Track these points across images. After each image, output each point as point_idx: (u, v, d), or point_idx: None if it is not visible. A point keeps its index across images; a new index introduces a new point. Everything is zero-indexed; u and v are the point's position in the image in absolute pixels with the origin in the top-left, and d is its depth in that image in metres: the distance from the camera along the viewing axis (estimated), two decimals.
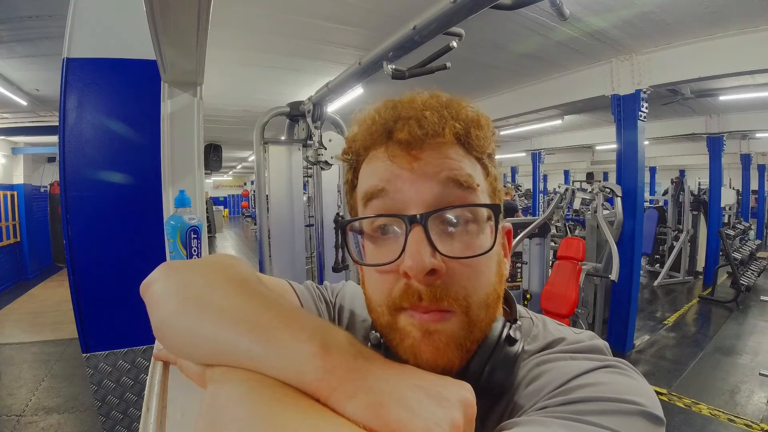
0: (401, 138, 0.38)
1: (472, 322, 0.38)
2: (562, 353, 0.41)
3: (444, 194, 0.38)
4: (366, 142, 0.42)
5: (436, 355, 0.37)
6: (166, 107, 1.60)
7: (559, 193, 5.30)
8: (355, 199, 0.44)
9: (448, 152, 0.39)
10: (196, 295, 0.37)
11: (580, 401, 0.33)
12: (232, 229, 17.16)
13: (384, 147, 0.40)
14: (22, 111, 5.02)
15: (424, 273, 0.35)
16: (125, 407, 1.78)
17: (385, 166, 0.39)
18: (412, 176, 0.38)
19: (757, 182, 10.07)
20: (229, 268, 0.41)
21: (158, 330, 0.39)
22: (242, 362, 0.32)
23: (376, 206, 0.40)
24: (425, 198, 0.37)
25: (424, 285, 0.36)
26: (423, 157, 0.38)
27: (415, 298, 0.37)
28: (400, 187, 0.38)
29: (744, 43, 3.21)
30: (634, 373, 0.37)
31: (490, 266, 0.40)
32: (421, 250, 0.35)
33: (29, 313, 5.43)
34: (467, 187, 0.38)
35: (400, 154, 0.38)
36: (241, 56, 3.68)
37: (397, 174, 0.38)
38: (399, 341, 0.39)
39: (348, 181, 0.46)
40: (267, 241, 2.65)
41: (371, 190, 0.40)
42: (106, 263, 1.70)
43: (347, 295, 0.60)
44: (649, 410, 0.33)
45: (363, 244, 0.42)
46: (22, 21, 2.72)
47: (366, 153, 0.42)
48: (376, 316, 0.41)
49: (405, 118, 0.39)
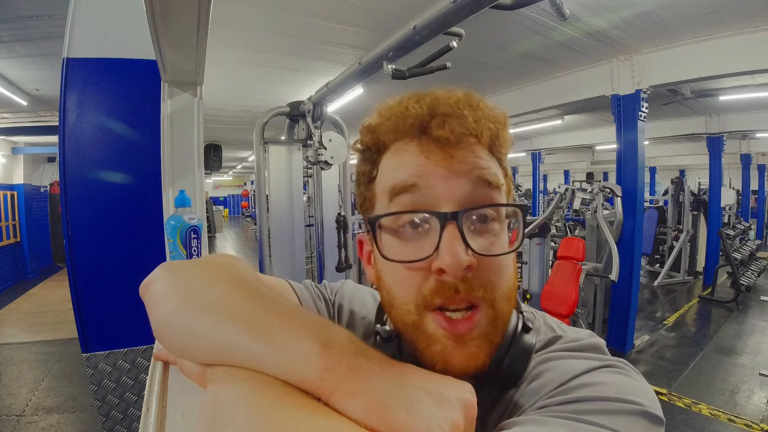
0: (441, 135, 0.38)
1: (498, 315, 0.39)
2: (563, 351, 0.41)
3: (474, 192, 0.38)
4: (394, 134, 0.41)
5: (470, 360, 0.37)
6: (166, 107, 1.60)
7: (559, 193, 5.31)
8: (372, 192, 0.43)
9: (479, 152, 0.39)
10: (196, 295, 0.37)
11: (580, 401, 0.34)
12: (232, 229, 17.17)
13: (416, 141, 0.39)
14: (22, 111, 5.02)
15: (462, 269, 0.36)
16: (125, 407, 1.78)
17: (417, 162, 0.39)
18: (446, 173, 0.38)
19: (757, 182, 10.08)
20: (229, 267, 0.41)
21: (158, 330, 0.39)
22: (243, 361, 0.32)
23: (405, 201, 0.39)
24: (457, 196, 0.38)
25: (459, 280, 0.36)
26: (457, 156, 0.38)
27: (452, 292, 0.37)
28: (433, 184, 0.38)
29: (744, 43, 3.21)
30: (634, 373, 0.37)
31: (510, 262, 0.40)
32: (457, 247, 0.36)
33: (29, 312, 5.43)
34: (495, 186, 0.39)
35: (436, 150, 0.38)
36: (241, 56, 3.68)
37: (431, 170, 0.38)
38: (425, 345, 0.39)
39: (365, 173, 0.44)
40: (267, 241, 2.65)
41: (401, 184, 0.39)
42: (106, 263, 1.70)
43: (346, 293, 0.60)
44: (649, 410, 0.33)
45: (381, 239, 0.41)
46: (22, 21, 2.72)
47: (391, 144, 0.42)
48: (400, 314, 0.40)
49: (443, 114, 0.38)
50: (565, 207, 5.62)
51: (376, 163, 0.43)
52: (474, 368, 0.38)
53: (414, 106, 0.40)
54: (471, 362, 0.37)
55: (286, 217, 2.67)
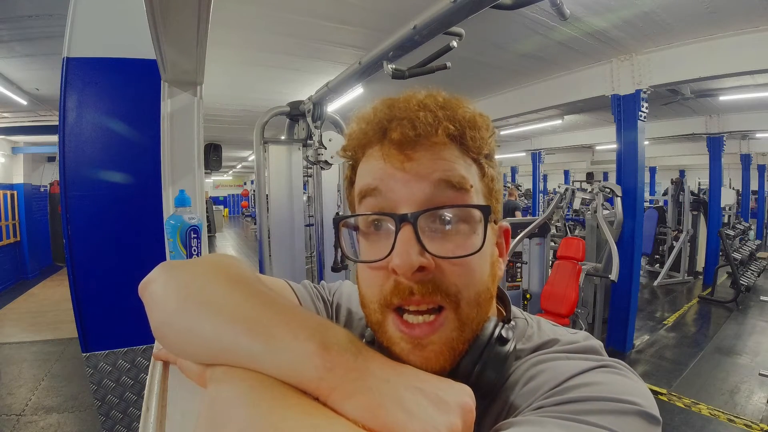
0: (394, 138, 0.38)
1: (463, 321, 0.38)
2: (558, 353, 0.41)
3: (435, 195, 0.38)
4: (363, 140, 0.42)
5: (426, 364, 0.37)
6: (166, 107, 1.60)
7: (559, 193, 5.31)
8: (352, 196, 0.45)
9: (442, 153, 0.39)
10: (196, 295, 0.37)
11: (577, 401, 0.33)
12: (231, 228, 17.16)
13: (379, 146, 0.40)
14: (22, 110, 5.02)
15: (412, 271, 0.36)
16: (125, 407, 1.78)
17: (379, 165, 0.39)
18: (405, 176, 0.38)
19: (757, 182, 10.07)
20: (227, 267, 0.42)
21: (157, 330, 0.39)
22: (242, 361, 0.32)
23: (370, 204, 0.40)
24: (416, 198, 0.38)
25: (413, 282, 0.36)
26: (416, 158, 0.38)
27: (407, 293, 0.37)
28: (392, 187, 0.38)
29: (744, 43, 3.21)
30: (630, 373, 0.38)
31: (482, 265, 0.40)
32: (409, 249, 0.36)
33: (29, 312, 5.43)
34: (460, 188, 0.38)
35: (394, 153, 0.39)
36: (241, 56, 3.68)
37: (390, 173, 0.39)
38: (388, 345, 0.39)
39: (347, 178, 0.46)
40: (267, 241, 2.65)
41: (365, 188, 0.40)
42: (106, 262, 1.70)
43: (344, 293, 0.60)
44: (646, 410, 0.33)
45: (358, 240, 0.42)
46: (22, 20, 2.72)
47: (363, 151, 0.43)
48: (368, 312, 0.41)
49: (399, 118, 0.39)
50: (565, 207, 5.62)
51: (355, 168, 0.44)
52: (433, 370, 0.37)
53: (379, 111, 0.41)
54: (429, 365, 0.37)
55: (286, 217, 2.67)
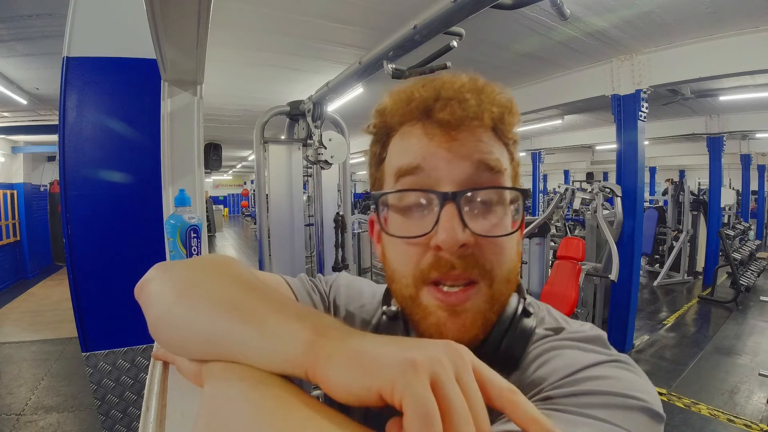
0: (442, 118, 0.39)
1: (494, 295, 0.40)
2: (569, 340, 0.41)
3: (475, 175, 0.39)
4: (402, 117, 0.43)
5: (462, 331, 0.39)
6: (166, 106, 1.60)
7: (559, 193, 5.31)
8: (381, 172, 0.45)
9: (482, 136, 0.40)
10: (191, 290, 0.37)
11: (586, 394, 0.34)
12: (231, 228, 17.16)
13: (421, 124, 0.41)
14: (22, 110, 5.02)
15: (457, 246, 0.37)
16: (125, 406, 1.78)
17: (421, 144, 0.40)
18: (448, 155, 0.39)
19: (756, 182, 10.08)
20: (223, 266, 0.42)
21: (153, 327, 0.39)
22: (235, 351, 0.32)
23: (410, 182, 0.41)
24: (458, 177, 0.39)
25: (455, 257, 0.38)
26: (459, 138, 0.39)
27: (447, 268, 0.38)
28: (436, 165, 0.39)
29: (744, 43, 3.21)
30: (638, 370, 0.38)
31: (512, 245, 0.41)
32: (454, 225, 0.37)
33: (29, 311, 5.43)
34: (496, 170, 0.40)
35: (439, 133, 0.40)
36: (241, 55, 3.68)
37: (434, 152, 0.40)
38: (421, 317, 0.41)
39: (375, 155, 0.46)
40: (267, 241, 2.65)
41: (406, 166, 0.41)
42: (106, 262, 1.70)
43: (342, 284, 0.61)
44: (652, 407, 0.34)
45: (386, 217, 0.43)
46: (22, 20, 2.72)
47: (399, 128, 0.43)
48: (399, 287, 0.42)
49: (446, 98, 0.40)
50: (564, 207, 5.63)
51: (386, 145, 0.45)
52: (467, 340, 0.39)
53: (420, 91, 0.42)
54: (464, 333, 0.39)
55: (286, 217, 2.67)
